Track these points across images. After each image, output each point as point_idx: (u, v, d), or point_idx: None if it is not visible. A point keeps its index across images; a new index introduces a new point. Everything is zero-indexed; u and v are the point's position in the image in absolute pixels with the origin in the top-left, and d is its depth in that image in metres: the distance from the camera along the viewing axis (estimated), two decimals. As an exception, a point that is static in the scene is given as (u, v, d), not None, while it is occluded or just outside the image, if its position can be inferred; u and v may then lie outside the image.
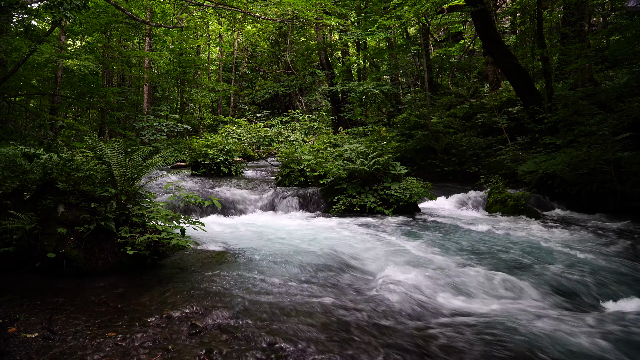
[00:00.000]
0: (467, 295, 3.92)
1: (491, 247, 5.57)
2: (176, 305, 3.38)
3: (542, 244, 5.65)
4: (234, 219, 8.04)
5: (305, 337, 2.88)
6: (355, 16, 19.93)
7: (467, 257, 5.08)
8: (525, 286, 4.08)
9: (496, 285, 4.11)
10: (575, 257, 5.05)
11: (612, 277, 4.37)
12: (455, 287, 4.06)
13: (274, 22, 20.97)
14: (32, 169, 4.87)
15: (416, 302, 3.64)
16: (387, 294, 3.75)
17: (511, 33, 20.24)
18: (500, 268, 4.61)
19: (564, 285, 4.15)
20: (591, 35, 11.81)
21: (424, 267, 4.59)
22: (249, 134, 15.46)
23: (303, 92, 29.10)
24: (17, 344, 2.75)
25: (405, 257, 5.11)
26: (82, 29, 16.66)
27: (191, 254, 4.99)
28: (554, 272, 4.44)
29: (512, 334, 3.02)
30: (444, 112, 15.88)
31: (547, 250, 5.36)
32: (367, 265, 4.79)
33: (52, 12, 5.49)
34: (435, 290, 3.94)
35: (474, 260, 4.98)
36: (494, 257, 5.08)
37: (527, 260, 4.94)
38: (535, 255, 5.12)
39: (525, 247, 5.54)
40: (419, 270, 4.39)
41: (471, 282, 4.16)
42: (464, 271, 4.44)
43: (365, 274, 4.51)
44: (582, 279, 4.28)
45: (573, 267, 4.64)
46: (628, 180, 7.73)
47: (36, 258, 4.13)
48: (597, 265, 4.76)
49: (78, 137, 16.88)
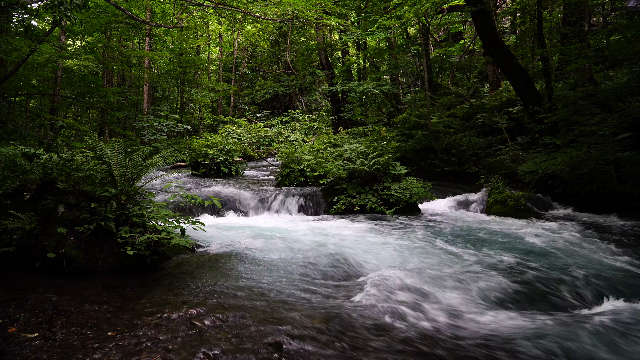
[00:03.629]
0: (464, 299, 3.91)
1: (491, 247, 5.57)
2: (176, 305, 3.38)
3: (542, 244, 5.64)
4: (235, 219, 8.04)
5: (306, 337, 2.88)
6: (355, 16, 19.92)
7: (467, 257, 5.08)
8: (516, 288, 4.08)
9: (494, 291, 4.11)
10: (575, 257, 5.05)
11: (611, 277, 4.37)
12: (455, 288, 4.06)
13: (274, 22, 20.98)
14: (32, 169, 4.86)
15: (416, 304, 3.64)
16: (385, 294, 3.74)
17: (511, 33, 20.22)
18: (500, 268, 4.61)
19: (565, 286, 4.15)
20: (591, 35, 11.80)
21: (423, 268, 4.58)
22: (249, 134, 15.46)
23: (303, 92, 29.10)
24: (17, 344, 2.75)
25: (405, 257, 5.11)
26: (82, 29, 16.64)
27: (191, 254, 4.99)
28: (553, 273, 4.44)
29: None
30: (444, 112, 15.88)
31: (547, 250, 5.36)
32: (367, 266, 4.79)
33: (52, 12, 5.49)
34: (437, 296, 3.93)
35: (474, 260, 4.97)
36: (494, 258, 5.08)
37: (526, 260, 4.94)
38: (534, 255, 5.12)
39: (525, 247, 5.54)
40: (419, 271, 4.39)
41: (469, 283, 4.16)
42: (463, 271, 4.44)
43: (365, 274, 4.51)
44: (583, 279, 4.28)
45: (574, 267, 4.64)
46: (628, 180, 7.73)
47: (36, 258, 4.13)
48: (597, 265, 4.76)
49: (78, 137, 16.89)
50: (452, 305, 3.67)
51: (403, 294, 3.75)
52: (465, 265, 4.76)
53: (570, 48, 10.32)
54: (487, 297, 3.90)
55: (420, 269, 4.51)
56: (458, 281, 4.18)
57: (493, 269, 4.57)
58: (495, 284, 4.13)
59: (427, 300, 3.70)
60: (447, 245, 5.67)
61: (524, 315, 3.46)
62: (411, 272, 4.29)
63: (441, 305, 3.64)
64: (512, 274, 4.41)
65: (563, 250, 5.37)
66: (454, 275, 4.31)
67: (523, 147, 11.22)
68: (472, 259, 5.01)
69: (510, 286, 4.09)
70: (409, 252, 5.32)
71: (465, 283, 4.14)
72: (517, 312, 3.56)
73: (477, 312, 3.54)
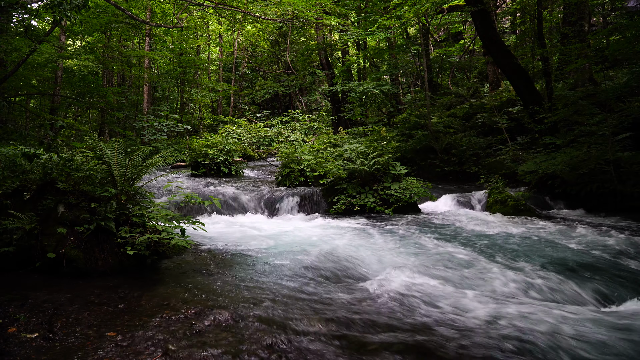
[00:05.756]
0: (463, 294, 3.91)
1: (491, 247, 5.57)
2: (176, 305, 3.38)
3: (541, 244, 5.64)
4: (234, 219, 8.04)
5: (305, 337, 2.88)
6: (355, 16, 19.92)
7: (466, 258, 5.08)
8: (519, 284, 4.09)
9: (503, 286, 4.11)
10: (575, 257, 5.05)
11: (610, 277, 4.37)
12: (455, 284, 4.06)
13: (274, 22, 20.97)
14: (32, 169, 4.86)
15: (415, 305, 3.64)
16: (384, 294, 3.74)
17: (511, 33, 20.23)
18: (498, 269, 4.61)
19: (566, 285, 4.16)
20: (591, 35, 11.81)
21: (424, 268, 4.58)
22: (249, 134, 15.47)
23: (303, 92, 29.10)
24: (17, 344, 2.75)
25: (405, 257, 5.11)
26: (82, 29, 16.64)
27: (191, 254, 4.99)
28: (552, 272, 4.44)
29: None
30: (444, 112, 15.88)
31: (546, 250, 5.36)
32: (366, 266, 4.79)
33: (52, 12, 5.49)
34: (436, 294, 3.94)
35: (473, 260, 4.97)
36: (493, 258, 5.08)
37: (524, 259, 4.94)
38: (532, 255, 5.12)
39: (524, 246, 5.54)
40: (418, 270, 4.39)
41: (469, 282, 4.16)
42: (461, 272, 4.44)
43: (364, 274, 4.51)
44: (585, 279, 4.29)
45: (574, 267, 4.64)
46: (628, 180, 7.73)
47: (36, 258, 4.13)
48: (597, 265, 4.76)
49: (78, 137, 16.89)
50: (462, 304, 3.67)
51: (398, 294, 3.75)
52: (463, 264, 4.76)
53: (570, 48, 10.32)
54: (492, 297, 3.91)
55: (423, 268, 4.51)
56: (462, 278, 4.18)
57: (490, 267, 4.57)
58: (498, 280, 4.14)
59: (433, 299, 3.70)
60: (447, 245, 5.67)
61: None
62: (412, 271, 4.29)
63: (448, 301, 3.64)
64: (509, 272, 4.41)
65: (562, 250, 5.37)
66: (454, 274, 4.32)
67: (523, 147, 11.23)
68: (469, 258, 5.02)
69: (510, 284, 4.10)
70: (410, 252, 5.32)
71: (466, 280, 4.14)
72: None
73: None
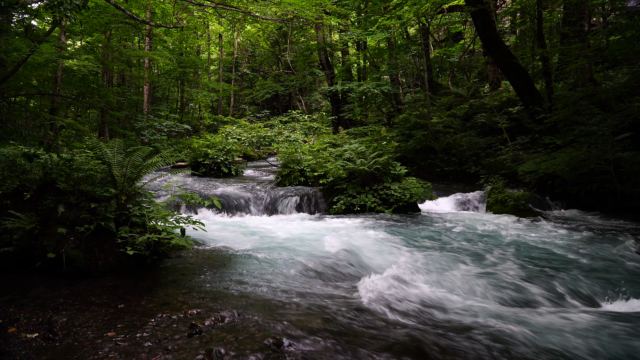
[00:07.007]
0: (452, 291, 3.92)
1: (491, 247, 5.57)
2: (176, 305, 3.38)
3: (541, 244, 5.64)
4: (235, 219, 8.04)
5: (305, 337, 2.88)
6: (355, 16, 19.92)
7: (466, 257, 5.08)
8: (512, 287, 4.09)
9: (496, 288, 4.11)
10: (574, 257, 5.05)
11: (610, 277, 4.37)
12: (451, 289, 4.06)
13: (274, 22, 20.98)
14: (32, 169, 4.86)
15: (415, 305, 3.64)
16: (384, 294, 3.74)
17: (511, 33, 20.23)
18: (500, 269, 4.61)
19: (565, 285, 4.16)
20: (591, 35, 11.81)
21: (423, 268, 4.58)
22: (249, 134, 15.48)
23: (303, 92, 29.09)
24: (17, 344, 2.75)
25: (405, 257, 5.11)
26: (82, 29, 16.64)
27: (191, 254, 4.99)
28: (552, 272, 4.44)
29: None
30: (444, 112, 15.87)
31: (545, 250, 5.36)
32: (366, 266, 4.79)
33: (52, 12, 5.48)
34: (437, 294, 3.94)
35: (473, 260, 4.97)
36: (493, 258, 5.08)
37: (524, 259, 4.94)
38: (532, 255, 5.12)
39: (524, 246, 5.54)
40: (418, 271, 4.39)
41: (468, 283, 4.16)
42: (461, 271, 4.44)
43: (365, 274, 4.50)
44: (584, 279, 4.29)
45: (573, 267, 4.64)
46: (628, 180, 7.73)
47: (36, 258, 4.13)
48: (597, 264, 4.77)
49: (78, 137, 16.88)
50: (459, 301, 3.67)
51: (398, 294, 3.75)
52: (462, 263, 4.76)
53: (570, 48, 10.33)
54: (485, 295, 3.90)
55: (423, 267, 4.51)
56: (462, 281, 4.18)
57: (490, 267, 4.58)
58: (489, 280, 4.14)
59: (433, 299, 3.70)
60: (446, 245, 5.67)
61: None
62: (412, 271, 4.29)
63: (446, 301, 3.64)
64: (509, 272, 4.41)
65: (561, 249, 5.36)
66: (454, 274, 4.32)
67: (523, 147, 11.22)
68: (468, 257, 5.02)
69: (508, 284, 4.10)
70: (410, 252, 5.32)
71: (464, 281, 4.14)
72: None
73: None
